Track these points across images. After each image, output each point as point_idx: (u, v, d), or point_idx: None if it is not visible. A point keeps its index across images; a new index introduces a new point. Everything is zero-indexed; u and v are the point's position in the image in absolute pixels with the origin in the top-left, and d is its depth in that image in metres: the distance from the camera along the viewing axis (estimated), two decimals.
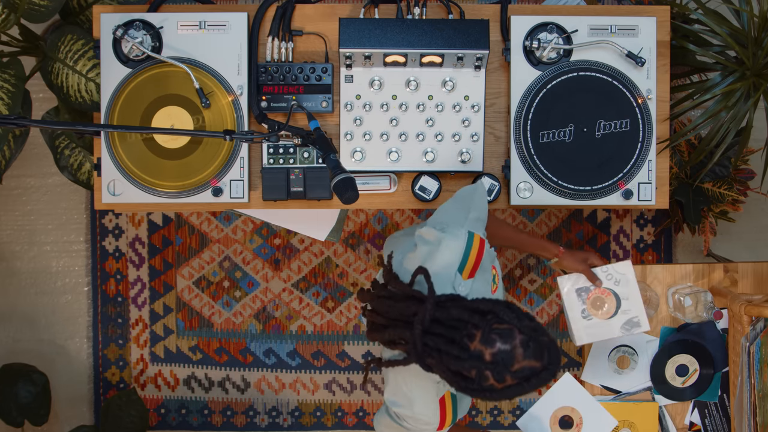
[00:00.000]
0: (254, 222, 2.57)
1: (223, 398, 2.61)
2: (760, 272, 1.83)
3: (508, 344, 1.07)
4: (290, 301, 2.58)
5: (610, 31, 1.63)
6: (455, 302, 1.16)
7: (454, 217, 1.38)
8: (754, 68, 1.74)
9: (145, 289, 2.58)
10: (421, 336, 1.13)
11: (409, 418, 1.31)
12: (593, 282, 1.67)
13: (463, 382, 1.10)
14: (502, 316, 1.10)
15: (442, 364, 1.11)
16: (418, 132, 1.63)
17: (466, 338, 1.09)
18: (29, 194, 2.57)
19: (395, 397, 1.32)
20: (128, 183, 1.62)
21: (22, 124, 1.28)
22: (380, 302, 1.24)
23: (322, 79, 1.62)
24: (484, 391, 1.09)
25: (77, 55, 1.69)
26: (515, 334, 1.08)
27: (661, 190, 1.69)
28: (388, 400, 1.34)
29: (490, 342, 1.08)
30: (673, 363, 1.79)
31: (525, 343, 1.08)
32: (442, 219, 1.38)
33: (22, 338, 2.60)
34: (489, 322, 1.09)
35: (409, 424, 1.33)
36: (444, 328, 1.12)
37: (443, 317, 1.13)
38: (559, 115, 1.63)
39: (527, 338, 1.08)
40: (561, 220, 2.58)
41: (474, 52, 1.54)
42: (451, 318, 1.13)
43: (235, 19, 1.61)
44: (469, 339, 1.09)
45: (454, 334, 1.11)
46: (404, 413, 1.31)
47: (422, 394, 1.28)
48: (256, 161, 1.66)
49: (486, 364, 1.07)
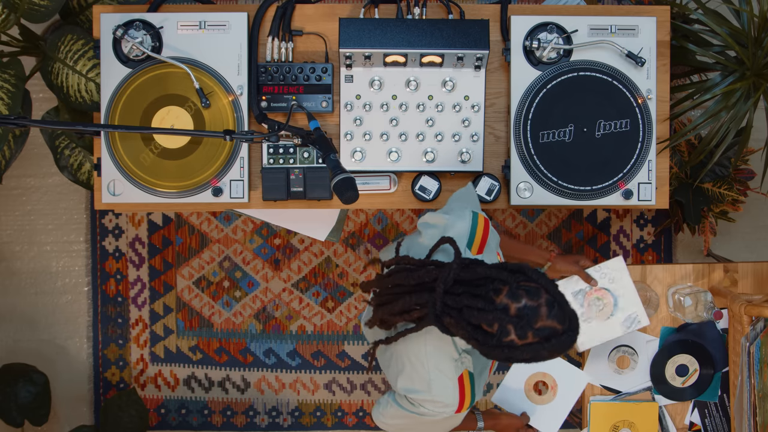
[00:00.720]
0: (254, 222, 2.57)
1: (223, 398, 2.61)
2: (760, 272, 1.83)
3: (534, 301, 1.07)
4: (290, 301, 2.58)
5: (610, 31, 1.63)
6: (479, 264, 1.16)
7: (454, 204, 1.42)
8: (754, 68, 1.74)
9: (145, 289, 2.58)
10: (443, 295, 1.12)
11: (427, 402, 1.29)
12: (588, 282, 1.68)
13: (483, 336, 1.09)
14: (530, 275, 1.10)
15: (462, 320, 1.10)
16: (418, 132, 1.63)
17: (492, 292, 1.09)
18: (29, 194, 2.57)
19: (411, 383, 1.30)
20: (128, 183, 1.62)
21: (22, 124, 1.28)
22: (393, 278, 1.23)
23: (322, 79, 1.62)
24: (503, 347, 1.08)
25: (77, 55, 1.69)
26: (542, 293, 1.08)
27: (661, 190, 1.69)
28: (402, 388, 1.32)
29: (517, 297, 1.08)
30: (673, 363, 1.79)
31: (550, 303, 1.08)
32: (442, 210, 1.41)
33: (22, 338, 2.60)
34: (517, 279, 1.10)
35: (427, 408, 1.30)
36: (467, 286, 1.12)
37: (467, 277, 1.13)
38: (559, 115, 1.63)
39: (553, 299, 1.08)
40: (561, 220, 2.58)
41: (474, 52, 1.54)
42: (476, 276, 1.13)
43: (235, 19, 1.61)
44: (495, 293, 1.09)
45: (479, 290, 1.11)
46: (422, 397, 1.29)
47: (440, 375, 1.27)
48: (256, 161, 1.66)
49: (510, 317, 1.07)
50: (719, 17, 1.77)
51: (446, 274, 1.13)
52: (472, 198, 1.50)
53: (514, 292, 1.08)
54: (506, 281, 1.10)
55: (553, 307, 1.08)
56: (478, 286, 1.11)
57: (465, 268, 1.15)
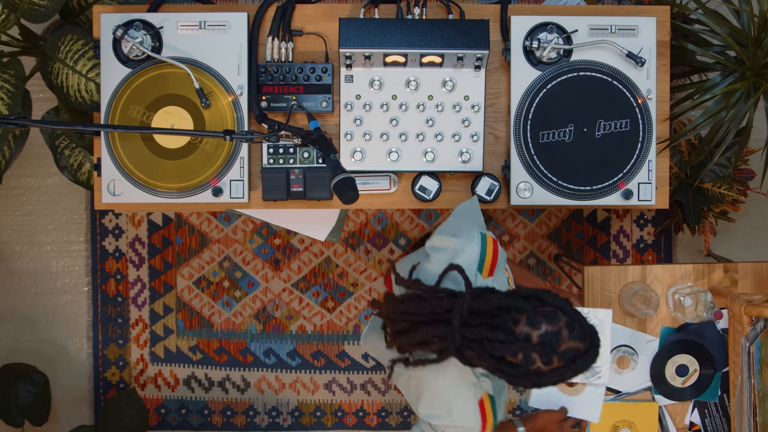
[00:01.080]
0: (254, 222, 2.57)
1: (223, 398, 2.61)
2: (760, 272, 1.83)
3: (554, 325, 1.07)
4: (290, 301, 2.58)
5: (610, 31, 1.63)
6: (491, 292, 1.15)
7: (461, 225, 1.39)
8: (754, 68, 1.74)
9: (145, 289, 2.58)
10: (460, 328, 1.12)
11: (449, 427, 1.30)
12: None
13: (508, 368, 1.09)
14: (545, 299, 1.10)
15: (485, 353, 1.10)
16: (418, 132, 1.63)
17: (510, 323, 1.09)
18: (29, 194, 2.57)
19: (432, 410, 1.29)
20: (128, 183, 1.62)
21: (22, 124, 1.28)
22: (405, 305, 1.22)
23: (322, 79, 1.62)
24: (530, 376, 1.08)
25: (77, 55, 1.69)
26: (560, 316, 1.08)
27: (661, 190, 1.69)
28: (424, 414, 1.31)
29: (537, 324, 1.08)
30: (673, 363, 1.79)
31: (570, 324, 1.08)
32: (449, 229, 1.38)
33: (22, 338, 2.60)
34: (533, 306, 1.09)
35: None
36: (484, 318, 1.12)
37: (481, 307, 1.13)
38: (559, 115, 1.63)
39: (571, 319, 1.08)
40: (561, 220, 2.58)
41: (474, 52, 1.54)
42: (490, 307, 1.12)
43: (235, 19, 1.61)
44: (514, 323, 1.08)
45: (496, 321, 1.10)
46: (444, 423, 1.29)
47: (460, 401, 1.26)
48: (256, 161, 1.66)
49: (533, 346, 1.07)
50: (719, 17, 1.77)
51: (460, 306, 1.13)
52: (476, 215, 1.47)
53: (533, 319, 1.08)
54: (523, 309, 1.09)
55: (573, 328, 1.08)
56: (495, 317, 1.11)
57: (477, 297, 1.14)
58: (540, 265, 2.58)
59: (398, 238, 2.57)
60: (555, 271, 2.59)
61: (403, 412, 2.62)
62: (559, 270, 2.57)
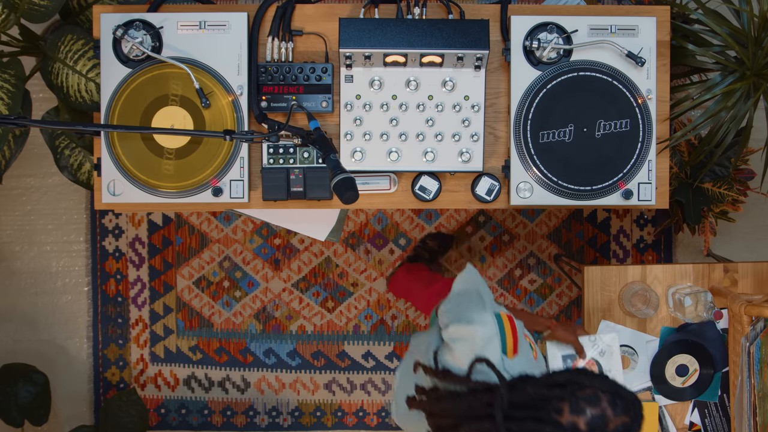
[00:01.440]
0: (254, 222, 2.57)
1: (223, 398, 2.61)
2: (760, 272, 1.83)
3: (598, 407, 1.07)
4: (290, 301, 2.58)
5: (610, 31, 1.63)
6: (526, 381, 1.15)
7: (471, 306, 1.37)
8: (754, 68, 1.74)
9: (145, 289, 2.58)
10: (503, 422, 1.11)
11: None
12: (579, 355, 1.72)
13: None
14: (582, 382, 1.09)
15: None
16: (418, 132, 1.63)
17: (553, 413, 1.08)
18: (29, 194, 2.57)
19: None
20: (128, 183, 1.62)
21: (22, 124, 1.28)
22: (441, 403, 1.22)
23: (322, 79, 1.62)
24: None
25: (77, 55, 1.69)
26: (601, 396, 1.08)
27: (661, 190, 1.69)
28: None
29: (581, 410, 1.07)
30: (673, 363, 1.79)
31: (612, 401, 1.07)
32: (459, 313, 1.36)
33: (22, 338, 2.60)
34: (572, 391, 1.08)
35: None
36: (525, 410, 1.11)
37: (520, 399, 1.12)
38: (559, 115, 1.63)
39: (612, 396, 1.08)
40: (561, 220, 2.58)
41: (474, 52, 1.54)
42: (529, 397, 1.11)
43: (235, 19, 1.61)
44: (557, 413, 1.08)
45: (538, 413, 1.09)
46: None
47: None
48: (256, 161, 1.66)
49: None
50: (719, 17, 1.77)
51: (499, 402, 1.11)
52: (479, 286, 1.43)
53: (576, 406, 1.07)
54: (563, 397, 1.08)
55: (617, 404, 1.07)
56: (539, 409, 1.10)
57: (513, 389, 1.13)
58: (540, 265, 2.58)
59: (398, 238, 2.57)
60: (555, 272, 2.59)
61: None
62: (559, 270, 2.57)
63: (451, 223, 2.57)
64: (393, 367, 2.60)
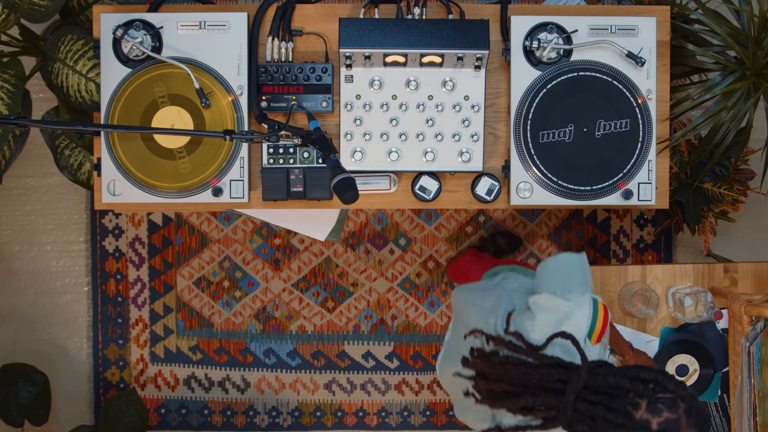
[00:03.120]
0: (254, 222, 2.57)
1: (223, 398, 2.61)
2: (760, 272, 1.83)
3: (675, 413, 1.07)
4: (290, 301, 2.58)
5: (610, 31, 1.63)
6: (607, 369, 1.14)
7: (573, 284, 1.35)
8: (754, 68, 1.74)
9: (145, 289, 2.58)
10: (574, 402, 1.11)
11: None
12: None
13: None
14: (665, 385, 1.10)
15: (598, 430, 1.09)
16: (418, 132, 1.63)
17: (629, 406, 1.08)
18: (29, 194, 2.57)
19: None
20: (128, 183, 1.62)
21: (22, 124, 1.28)
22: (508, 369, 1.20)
23: (322, 79, 1.62)
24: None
25: (77, 55, 1.69)
26: (679, 403, 1.08)
27: (661, 190, 1.69)
28: None
29: (658, 411, 1.07)
30: (673, 363, 1.79)
31: (688, 412, 1.08)
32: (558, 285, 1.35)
33: (22, 338, 2.60)
34: (654, 392, 1.09)
35: None
36: (599, 396, 1.11)
37: (596, 384, 1.12)
38: (559, 115, 1.63)
39: (689, 407, 1.08)
40: (561, 220, 2.58)
41: (474, 52, 1.54)
42: (607, 385, 1.11)
43: (235, 19, 1.61)
44: (633, 407, 1.08)
45: (612, 401, 1.09)
46: None
47: None
48: (256, 161, 1.66)
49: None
50: (719, 17, 1.77)
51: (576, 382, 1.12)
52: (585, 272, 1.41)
53: (654, 406, 1.07)
54: (643, 394, 1.08)
55: (691, 415, 1.07)
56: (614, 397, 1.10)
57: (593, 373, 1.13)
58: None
59: (398, 238, 2.57)
60: None
61: (403, 412, 2.62)
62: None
63: (451, 223, 2.57)
64: (393, 367, 2.60)
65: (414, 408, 2.62)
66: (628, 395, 1.09)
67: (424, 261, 2.58)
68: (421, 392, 2.61)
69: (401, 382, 2.61)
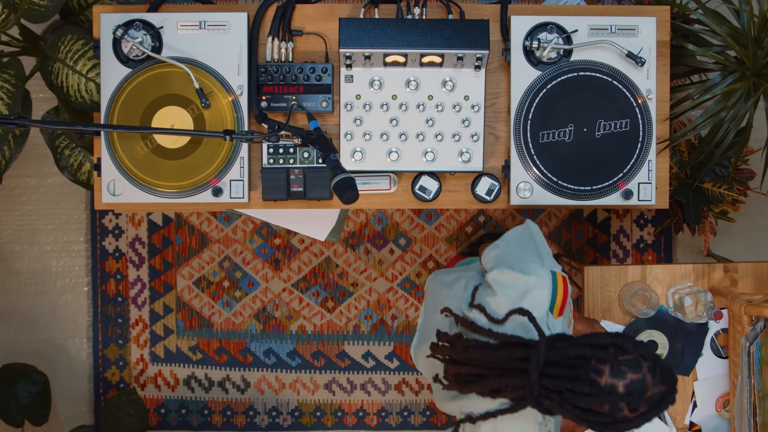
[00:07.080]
0: (254, 222, 2.57)
1: (223, 398, 2.61)
2: (760, 272, 1.83)
3: (639, 373, 1.07)
4: (290, 301, 2.58)
5: (610, 31, 1.63)
6: (566, 341, 1.14)
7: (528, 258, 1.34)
8: (754, 68, 1.74)
9: (145, 289, 2.58)
10: (538, 380, 1.11)
11: None
12: None
13: (594, 417, 1.09)
14: (625, 347, 1.09)
15: (567, 404, 1.09)
16: (418, 132, 1.63)
17: (593, 373, 1.08)
18: (29, 194, 2.57)
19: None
20: (128, 183, 1.62)
21: (22, 124, 1.28)
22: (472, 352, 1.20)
23: (322, 79, 1.62)
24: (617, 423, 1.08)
25: (77, 55, 1.69)
26: (642, 363, 1.08)
27: (661, 190, 1.69)
28: None
29: (621, 374, 1.07)
30: (645, 337, 1.79)
31: (652, 369, 1.08)
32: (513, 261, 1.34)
33: (22, 338, 2.60)
34: (615, 355, 1.09)
35: None
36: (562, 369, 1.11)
37: (557, 358, 1.12)
38: (559, 115, 1.63)
39: (653, 364, 1.08)
40: (561, 220, 2.58)
41: (474, 52, 1.54)
42: (567, 357, 1.11)
43: (235, 19, 1.61)
44: (597, 374, 1.08)
45: (575, 371, 1.09)
46: None
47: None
48: (256, 161, 1.66)
49: (620, 396, 1.06)
50: (719, 17, 1.77)
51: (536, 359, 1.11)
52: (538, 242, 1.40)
53: (617, 369, 1.07)
54: (604, 359, 1.08)
55: (656, 373, 1.08)
56: (576, 368, 1.10)
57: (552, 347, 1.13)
58: None
59: (398, 238, 2.57)
60: None
61: (403, 412, 2.62)
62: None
63: (451, 223, 2.57)
64: (393, 367, 2.60)
65: (414, 408, 2.62)
66: (590, 363, 1.09)
67: (424, 261, 2.58)
68: (421, 392, 2.61)
69: (401, 382, 2.61)
